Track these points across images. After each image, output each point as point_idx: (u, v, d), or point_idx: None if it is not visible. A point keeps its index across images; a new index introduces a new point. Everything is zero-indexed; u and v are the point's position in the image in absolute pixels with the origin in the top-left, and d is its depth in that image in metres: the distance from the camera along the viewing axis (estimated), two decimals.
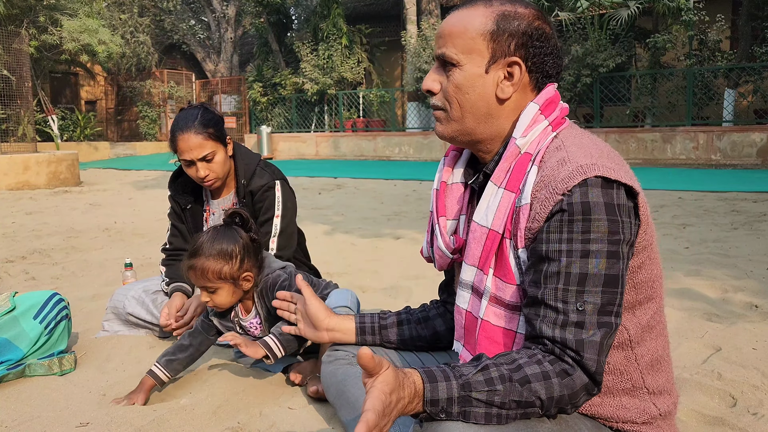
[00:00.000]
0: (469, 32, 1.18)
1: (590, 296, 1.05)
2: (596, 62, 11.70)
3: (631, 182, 1.09)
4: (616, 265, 1.06)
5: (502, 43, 1.17)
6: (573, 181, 1.07)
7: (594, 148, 1.14)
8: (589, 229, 1.05)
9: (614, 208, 1.07)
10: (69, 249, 4.65)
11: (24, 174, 9.72)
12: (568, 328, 1.05)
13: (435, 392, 1.01)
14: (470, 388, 1.02)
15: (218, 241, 1.89)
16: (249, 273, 1.94)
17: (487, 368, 1.04)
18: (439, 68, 1.23)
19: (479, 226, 1.18)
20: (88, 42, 15.89)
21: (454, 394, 1.01)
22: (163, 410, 1.86)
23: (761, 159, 10.21)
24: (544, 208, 1.09)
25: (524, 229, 1.12)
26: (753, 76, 11.03)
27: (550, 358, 1.06)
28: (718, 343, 2.31)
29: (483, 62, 1.18)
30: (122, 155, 18.56)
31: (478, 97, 1.19)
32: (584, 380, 1.05)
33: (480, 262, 1.19)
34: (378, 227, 5.45)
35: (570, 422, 1.15)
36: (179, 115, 2.41)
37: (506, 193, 1.16)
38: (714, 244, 4.23)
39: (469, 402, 1.02)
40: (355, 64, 16.50)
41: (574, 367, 1.04)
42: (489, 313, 1.17)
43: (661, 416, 1.21)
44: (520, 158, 1.16)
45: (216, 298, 1.93)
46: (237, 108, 19.70)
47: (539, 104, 1.19)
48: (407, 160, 14.40)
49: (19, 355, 2.14)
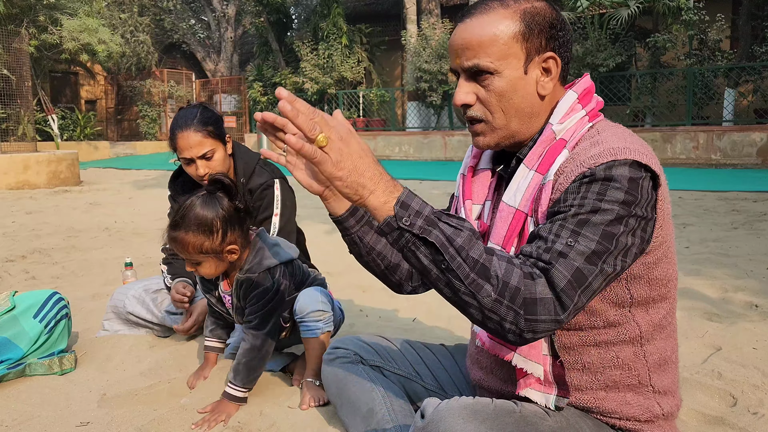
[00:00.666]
0: (500, 38, 1.16)
1: (583, 239, 1.03)
2: (596, 62, 11.70)
3: (660, 172, 1.10)
4: (619, 227, 1.04)
5: (534, 41, 1.17)
6: (602, 158, 1.07)
7: (630, 136, 1.15)
8: (606, 191, 1.05)
9: (637, 185, 1.06)
10: (69, 248, 4.65)
11: (24, 173, 9.72)
12: (551, 252, 1.02)
13: (410, 199, 1.00)
14: (440, 217, 1.01)
15: (199, 213, 1.79)
16: (233, 245, 1.84)
17: (464, 220, 1.03)
18: (469, 80, 1.20)
19: (507, 206, 1.19)
20: (88, 41, 15.88)
21: (425, 211, 1.00)
22: (164, 410, 1.86)
23: (761, 158, 10.21)
24: (568, 179, 1.09)
25: (546, 203, 1.12)
26: (753, 76, 11.02)
27: (522, 259, 1.04)
28: (719, 343, 2.31)
29: (520, 64, 1.17)
30: (122, 155, 18.56)
31: (522, 99, 1.19)
32: (547, 293, 0.98)
33: (504, 240, 1.19)
34: None
35: (571, 420, 1.15)
36: (178, 114, 2.41)
37: (536, 175, 1.16)
38: (714, 244, 4.23)
39: (434, 225, 0.99)
40: (355, 63, 16.50)
41: (539, 276, 1.00)
42: None
43: (663, 416, 1.21)
44: (554, 144, 1.17)
45: (201, 269, 1.86)
46: (237, 107, 19.70)
47: (578, 93, 1.21)
48: (407, 159, 14.40)
49: (19, 354, 2.14)
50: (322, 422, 1.75)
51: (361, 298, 3.21)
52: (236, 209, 1.85)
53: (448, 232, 0.99)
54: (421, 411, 1.08)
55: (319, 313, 1.99)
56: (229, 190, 1.85)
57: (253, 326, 1.91)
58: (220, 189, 1.84)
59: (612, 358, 1.17)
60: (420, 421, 1.07)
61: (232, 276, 1.95)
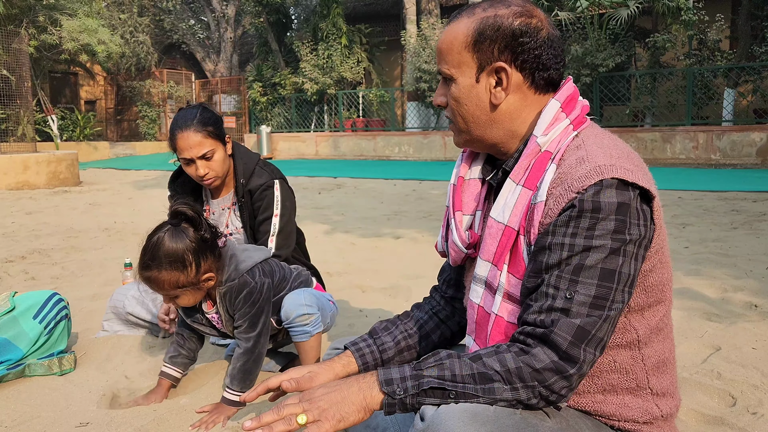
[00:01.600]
0: (455, 46, 1.20)
1: (582, 287, 1.04)
2: (596, 62, 11.70)
3: (649, 185, 1.08)
4: (616, 260, 1.05)
5: (485, 51, 1.18)
6: (589, 180, 1.06)
7: (614, 149, 1.14)
8: (595, 226, 1.05)
9: (626, 208, 1.06)
10: (69, 249, 4.65)
11: (24, 174, 9.72)
12: (552, 312, 1.05)
13: (388, 373, 1.08)
14: (420, 367, 1.08)
15: (168, 250, 1.72)
16: (209, 273, 1.82)
17: (438, 352, 1.10)
18: (443, 82, 1.26)
19: (495, 222, 1.19)
20: (87, 42, 15.88)
21: (406, 373, 1.08)
22: (163, 410, 1.86)
23: (761, 158, 10.21)
24: (558, 204, 1.09)
25: (537, 225, 1.12)
26: (752, 76, 11.03)
27: (507, 343, 1.08)
28: (718, 343, 2.31)
29: (472, 72, 1.19)
30: (122, 155, 18.56)
31: (475, 107, 1.21)
32: (549, 358, 1.03)
33: (495, 257, 1.19)
34: (378, 227, 5.45)
35: (571, 422, 1.14)
36: (178, 115, 2.41)
37: (524, 190, 1.16)
38: (714, 244, 4.23)
39: (421, 377, 1.06)
40: (354, 63, 16.50)
41: (532, 345, 1.04)
42: (502, 309, 1.18)
43: (662, 417, 1.21)
44: (540, 156, 1.17)
45: (180, 302, 1.83)
46: (237, 108, 19.70)
47: (560, 101, 1.20)
48: (407, 159, 14.40)
49: (18, 355, 2.14)
50: None
51: (360, 298, 3.21)
52: (203, 239, 1.78)
53: (435, 374, 1.06)
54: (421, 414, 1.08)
55: (305, 317, 1.99)
56: (194, 220, 1.78)
57: (243, 330, 1.91)
58: (183, 221, 1.78)
59: (609, 362, 1.17)
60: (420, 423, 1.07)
61: (213, 294, 1.92)
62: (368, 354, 1.39)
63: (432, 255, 4.07)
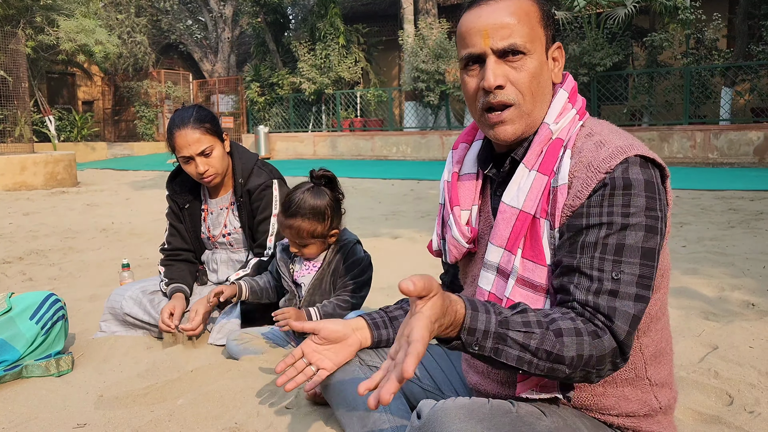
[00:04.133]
0: (531, 19, 1.17)
1: (627, 267, 1.06)
2: (593, 61, 11.71)
3: (664, 163, 1.14)
4: (653, 239, 1.08)
5: (550, 29, 1.21)
6: (615, 160, 1.09)
7: (623, 133, 1.18)
8: (630, 203, 1.07)
9: (653, 186, 1.10)
10: (66, 249, 4.64)
11: (21, 174, 9.71)
12: (602, 295, 1.06)
13: (474, 321, 1.01)
14: (508, 326, 1.02)
15: (312, 203, 2.08)
16: (336, 230, 2.16)
17: (525, 312, 1.05)
18: (499, 61, 1.16)
19: (509, 207, 1.19)
20: (84, 42, 15.86)
21: (491, 328, 1.01)
22: (161, 411, 1.86)
23: (758, 157, 10.23)
24: (587, 186, 1.10)
25: (562, 207, 1.13)
26: (750, 75, 11.04)
27: (582, 318, 1.07)
28: (715, 342, 2.32)
29: (543, 49, 1.19)
30: (119, 155, 18.54)
31: (545, 83, 1.21)
32: (612, 345, 1.05)
33: (508, 243, 1.19)
34: (376, 227, 5.45)
35: (568, 421, 1.15)
36: (175, 114, 2.43)
37: (539, 175, 1.17)
38: (711, 243, 4.23)
39: (504, 340, 1.01)
40: (352, 63, 16.49)
41: (604, 330, 1.05)
42: (515, 293, 1.18)
43: (661, 410, 1.21)
44: (552, 143, 1.18)
45: (306, 251, 2.15)
46: (234, 108, 19.68)
47: (568, 92, 1.23)
48: (405, 159, 14.40)
49: (15, 356, 2.14)
50: (319, 422, 1.75)
51: None
52: (338, 199, 2.16)
53: (521, 339, 1.01)
54: (417, 411, 1.08)
55: None
56: (332, 181, 2.16)
57: (350, 290, 2.17)
58: (324, 183, 2.14)
59: None
60: (416, 421, 1.07)
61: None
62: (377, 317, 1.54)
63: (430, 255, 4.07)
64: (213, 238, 2.60)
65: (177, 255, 2.62)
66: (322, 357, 1.48)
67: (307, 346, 1.48)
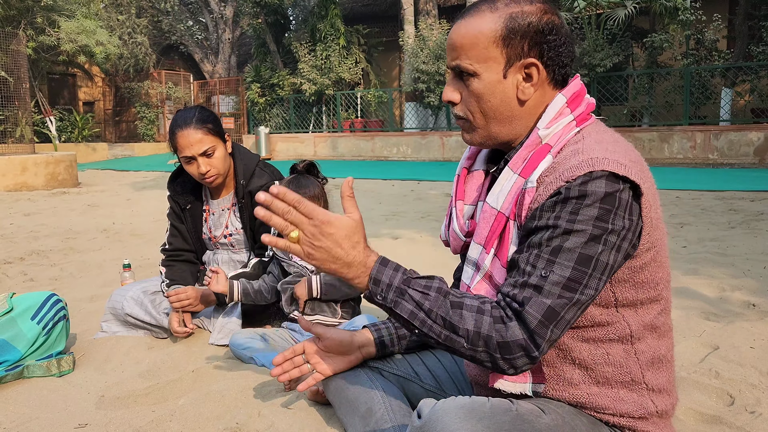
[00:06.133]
0: (481, 41, 1.17)
1: (558, 268, 1.06)
2: (593, 62, 11.71)
3: (641, 181, 1.09)
4: (595, 247, 1.06)
5: (515, 46, 1.17)
6: (580, 170, 1.08)
7: (612, 144, 1.15)
8: (579, 210, 1.07)
9: (614, 199, 1.07)
10: (67, 250, 4.64)
11: (22, 175, 9.71)
12: (525, 288, 1.07)
13: (380, 273, 1.11)
14: (409, 284, 1.10)
15: (303, 187, 2.15)
16: None
17: (432, 279, 1.12)
18: (455, 78, 1.23)
19: (490, 208, 1.21)
20: (85, 43, 15.87)
21: (394, 282, 1.10)
22: (162, 411, 1.86)
23: (758, 158, 10.23)
24: (547, 191, 1.11)
25: (526, 209, 1.14)
26: (750, 75, 11.04)
27: (493, 303, 1.09)
28: (716, 342, 2.32)
29: (500, 68, 1.18)
30: (120, 156, 18.54)
31: (500, 102, 1.20)
32: (519, 335, 1.05)
33: (486, 241, 1.21)
34: (376, 227, 5.45)
35: (567, 418, 1.15)
36: (177, 115, 2.43)
37: (519, 178, 1.18)
38: (711, 243, 4.23)
39: (403, 294, 1.09)
40: (352, 64, 16.50)
41: (511, 318, 1.06)
42: (479, 288, 1.22)
43: (658, 414, 1.21)
44: (539, 148, 1.18)
45: None
46: (235, 109, 19.69)
47: (567, 97, 1.21)
48: (405, 160, 14.40)
49: (17, 356, 2.14)
50: (320, 422, 1.75)
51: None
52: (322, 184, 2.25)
53: (417, 297, 1.09)
54: (418, 411, 1.09)
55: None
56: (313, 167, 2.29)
57: None
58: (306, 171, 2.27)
59: (602, 354, 1.18)
60: (417, 421, 1.08)
61: None
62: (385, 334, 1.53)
63: (430, 255, 4.07)
64: (214, 238, 2.60)
65: (178, 256, 2.62)
66: (321, 361, 1.49)
67: (309, 346, 1.49)
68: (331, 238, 1.09)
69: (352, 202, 1.14)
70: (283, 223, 1.10)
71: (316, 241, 1.09)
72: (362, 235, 1.13)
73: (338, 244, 1.09)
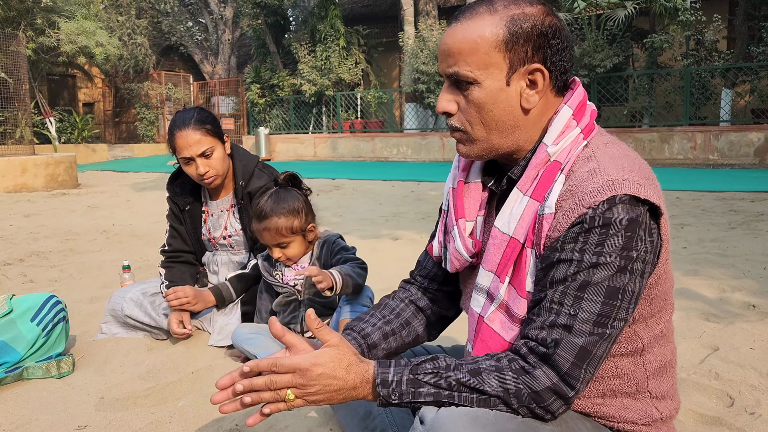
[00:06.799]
0: (482, 46, 1.09)
1: (587, 304, 1.02)
2: (593, 62, 11.72)
3: (659, 201, 1.05)
4: (622, 279, 1.03)
5: (519, 51, 1.09)
6: (601, 195, 1.02)
7: (626, 160, 1.09)
8: (605, 242, 1.02)
9: (636, 225, 1.03)
10: (67, 251, 4.64)
11: (22, 176, 9.71)
12: (555, 329, 1.03)
13: (385, 375, 1.06)
14: (418, 372, 1.06)
15: (284, 201, 2.14)
16: (312, 224, 2.21)
17: (436, 358, 1.07)
18: (452, 87, 1.14)
19: (500, 233, 1.14)
20: (85, 44, 15.88)
21: (403, 377, 1.06)
22: (162, 413, 1.86)
23: (758, 158, 10.23)
24: (567, 218, 1.05)
25: (545, 237, 1.08)
26: (750, 76, 11.04)
27: (509, 357, 1.05)
28: (716, 343, 2.32)
29: (502, 75, 1.10)
30: (120, 157, 18.55)
31: (503, 112, 1.12)
32: (550, 380, 1.01)
33: (498, 268, 1.15)
34: (376, 228, 5.45)
35: (570, 423, 1.14)
36: (176, 116, 2.43)
37: (531, 201, 1.11)
38: (712, 244, 4.23)
39: (417, 384, 1.05)
40: (352, 65, 16.51)
41: (534, 366, 1.02)
42: (494, 318, 1.15)
43: (661, 420, 1.21)
44: (549, 166, 1.12)
45: (288, 252, 2.17)
46: (235, 109, 19.70)
47: (572, 108, 1.14)
48: (405, 161, 14.40)
49: (16, 357, 2.14)
50: (320, 424, 1.75)
51: None
52: (306, 195, 2.24)
53: (432, 381, 1.05)
54: (420, 417, 1.07)
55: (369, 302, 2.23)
56: (297, 181, 2.26)
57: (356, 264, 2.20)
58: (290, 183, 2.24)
59: (612, 368, 1.16)
60: (420, 426, 1.06)
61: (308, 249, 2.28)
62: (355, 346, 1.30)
63: None
64: (213, 240, 2.60)
65: (177, 257, 2.62)
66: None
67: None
68: (323, 377, 1.05)
69: (324, 330, 1.09)
70: (274, 395, 1.05)
71: (311, 388, 1.06)
72: (351, 355, 1.08)
73: (333, 377, 1.06)
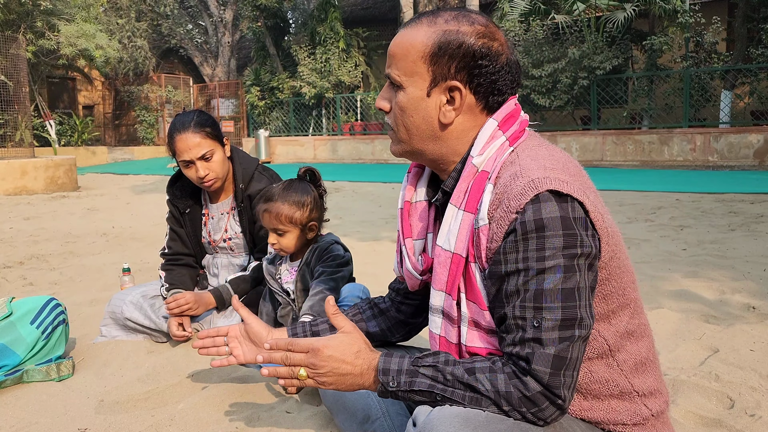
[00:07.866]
0: (411, 54, 1.13)
1: (548, 312, 1.03)
2: (593, 64, 11.73)
3: (583, 196, 1.06)
4: (573, 278, 1.03)
5: (442, 66, 1.12)
6: (525, 198, 1.03)
7: (548, 159, 1.10)
8: (544, 245, 1.03)
9: (570, 221, 1.03)
10: (67, 254, 4.64)
11: (22, 179, 9.72)
12: (526, 344, 1.03)
13: (388, 363, 1.12)
14: (418, 364, 1.10)
15: (293, 190, 2.12)
16: (314, 223, 2.16)
17: (438, 354, 1.11)
18: (389, 87, 1.20)
19: (443, 251, 1.15)
20: (85, 47, 15.90)
21: (404, 367, 1.11)
22: (161, 415, 1.86)
23: (758, 160, 10.23)
24: (501, 227, 1.06)
25: (485, 249, 1.09)
26: (749, 78, 11.06)
27: (503, 359, 1.08)
28: (716, 345, 2.32)
29: (425, 85, 1.14)
30: (120, 160, 18.56)
31: (422, 121, 1.16)
32: (537, 388, 1.02)
33: (447, 286, 1.16)
34: (376, 230, 5.45)
35: (564, 424, 1.14)
36: (176, 119, 2.43)
37: (465, 214, 1.12)
38: (711, 246, 4.23)
39: (416, 374, 1.09)
40: (352, 67, 16.53)
41: (525, 373, 1.03)
42: (472, 338, 1.16)
43: (653, 416, 1.21)
44: (477, 177, 1.13)
45: (282, 241, 2.14)
46: (235, 112, 19.71)
47: (498, 120, 1.15)
48: (405, 163, 14.40)
49: (16, 360, 2.14)
50: (319, 426, 1.75)
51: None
52: (320, 195, 2.18)
53: (430, 373, 1.09)
54: (413, 419, 1.08)
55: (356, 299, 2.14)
56: (316, 178, 2.20)
57: (321, 280, 2.13)
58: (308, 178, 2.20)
59: (586, 374, 1.15)
60: (412, 429, 1.07)
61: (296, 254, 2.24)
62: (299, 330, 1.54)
63: None
64: (214, 242, 2.60)
65: (177, 259, 2.62)
66: (237, 346, 1.52)
67: (233, 329, 1.54)
68: (333, 359, 1.13)
69: (340, 317, 1.19)
70: (289, 371, 1.15)
71: (321, 369, 1.13)
72: (362, 343, 1.16)
73: (342, 360, 1.13)
